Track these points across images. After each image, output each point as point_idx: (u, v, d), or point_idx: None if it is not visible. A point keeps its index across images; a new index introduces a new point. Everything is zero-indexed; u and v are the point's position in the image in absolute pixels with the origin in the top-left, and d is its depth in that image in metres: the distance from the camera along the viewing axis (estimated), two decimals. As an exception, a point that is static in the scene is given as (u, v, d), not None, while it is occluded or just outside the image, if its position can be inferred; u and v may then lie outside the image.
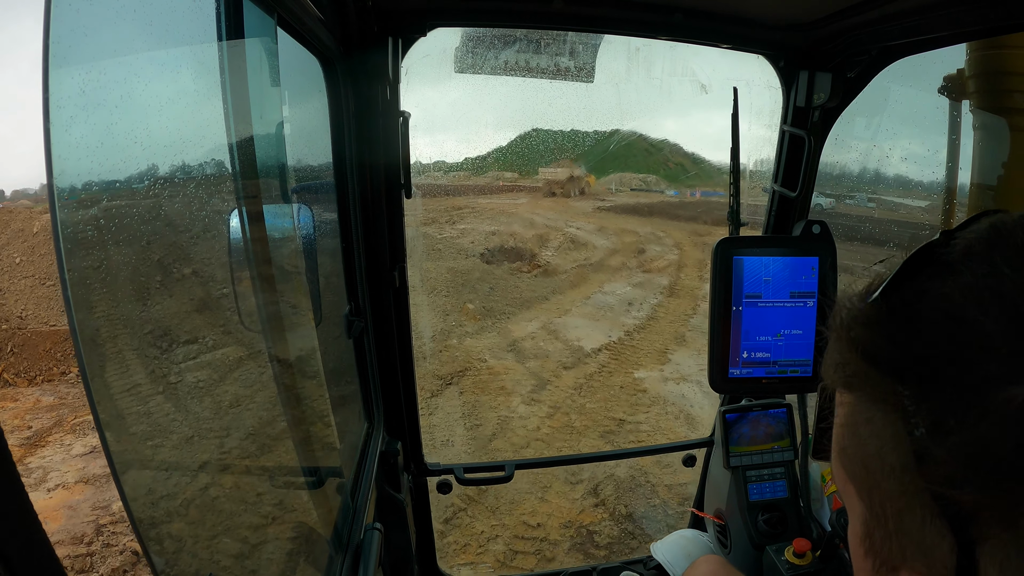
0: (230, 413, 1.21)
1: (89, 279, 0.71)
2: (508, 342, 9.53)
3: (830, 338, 0.46)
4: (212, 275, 1.23)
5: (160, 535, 0.76)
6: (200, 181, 0.91)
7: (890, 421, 0.39)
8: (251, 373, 1.21)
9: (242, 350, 1.24)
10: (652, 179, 23.46)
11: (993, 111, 1.99)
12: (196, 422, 1.07)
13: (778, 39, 1.58)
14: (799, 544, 1.48)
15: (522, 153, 17.79)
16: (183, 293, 1.21)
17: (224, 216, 0.91)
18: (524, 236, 15.52)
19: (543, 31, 1.67)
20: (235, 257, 0.87)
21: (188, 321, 1.20)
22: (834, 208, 6.18)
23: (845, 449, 0.45)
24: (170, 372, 1.12)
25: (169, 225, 1.01)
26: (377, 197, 1.46)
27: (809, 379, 1.62)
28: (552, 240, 15.69)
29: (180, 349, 1.14)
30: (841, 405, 0.46)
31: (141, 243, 0.92)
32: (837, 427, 0.46)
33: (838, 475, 0.47)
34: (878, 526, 0.43)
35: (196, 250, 1.21)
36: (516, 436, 6.51)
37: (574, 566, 2.04)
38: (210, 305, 1.27)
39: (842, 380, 0.44)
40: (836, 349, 0.44)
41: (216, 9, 0.72)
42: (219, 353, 1.24)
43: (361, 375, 1.54)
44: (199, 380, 1.19)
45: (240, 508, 1.10)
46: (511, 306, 11.26)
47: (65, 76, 0.55)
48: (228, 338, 1.24)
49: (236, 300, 0.91)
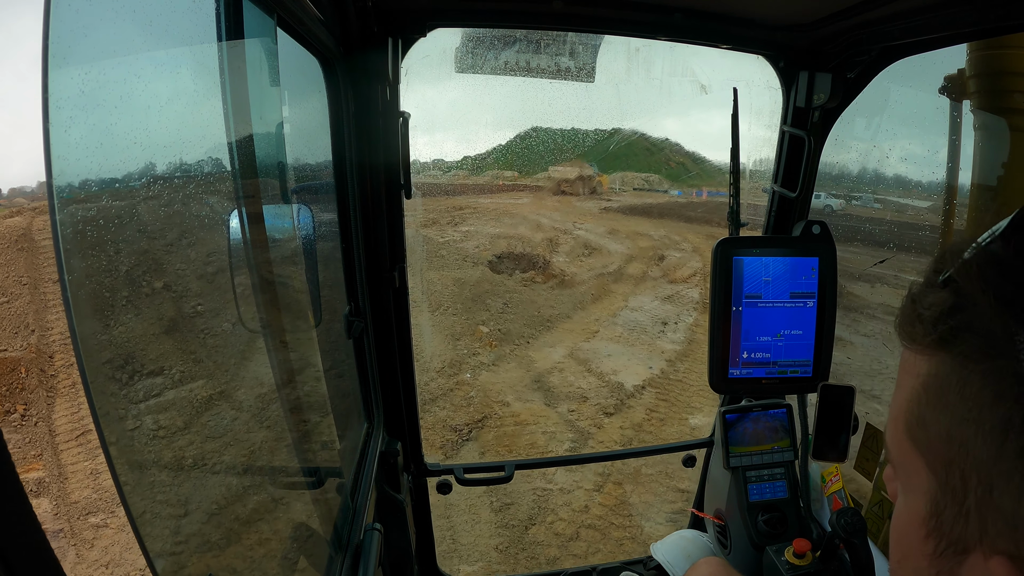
0: (230, 413, 1.21)
1: (88, 279, 0.71)
2: (532, 376, 8.08)
3: (919, 292, 0.43)
4: (212, 275, 1.23)
5: (160, 535, 0.76)
6: (200, 181, 0.91)
7: (997, 376, 0.37)
8: (251, 373, 1.21)
9: (242, 350, 1.23)
10: (655, 178, 23.47)
11: (994, 111, 1.99)
12: (196, 422, 1.07)
13: (778, 39, 1.58)
14: (799, 544, 1.47)
15: (522, 152, 17.73)
16: (183, 293, 1.21)
17: (224, 216, 0.91)
18: (532, 240, 14.57)
19: (543, 31, 1.67)
20: (235, 257, 0.87)
21: (187, 321, 1.20)
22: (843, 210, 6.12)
23: (921, 419, 0.42)
24: (170, 372, 1.12)
25: (169, 225, 1.01)
26: (377, 197, 1.46)
27: (809, 379, 1.62)
28: (562, 244, 14.76)
29: (179, 349, 1.14)
30: (915, 374, 0.43)
31: (141, 243, 0.92)
32: (907, 398, 0.44)
33: (900, 450, 0.44)
34: (952, 502, 0.40)
35: (195, 251, 1.21)
36: (560, 522, 5.08)
37: (574, 566, 2.04)
38: (210, 305, 1.27)
39: (939, 335, 0.41)
40: (937, 300, 0.41)
41: (216, 9, 0.72)
42: (219, 353, 1.23)
43: (361, 375, 1.54)
44: (199, 380, 1.19)
45: (240, 508, 1.09)
46: (530, 327, 9.94)
47: (65, 76, 0.55)
48: (228, 338, 1.24)
49: (236, 300, 0.91)
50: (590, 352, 8.88)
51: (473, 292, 10.86)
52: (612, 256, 14.45)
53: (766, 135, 1.83)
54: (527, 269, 12.72)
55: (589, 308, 11.11)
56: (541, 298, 11.29)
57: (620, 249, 15.06)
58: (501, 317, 10.07)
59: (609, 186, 22.50)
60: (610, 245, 15.28)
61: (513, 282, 11.94)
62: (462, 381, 7.86)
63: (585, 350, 8.96)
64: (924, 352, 0.42)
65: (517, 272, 12.51)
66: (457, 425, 6.74)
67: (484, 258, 12.93)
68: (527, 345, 9.20)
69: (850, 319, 6.14)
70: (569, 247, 14.63)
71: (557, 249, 14.32)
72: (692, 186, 22.35)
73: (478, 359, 8.56)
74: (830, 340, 1.61)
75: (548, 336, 9.63)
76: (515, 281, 12.01)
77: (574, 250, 14.48)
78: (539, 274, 12.57)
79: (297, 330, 1.02)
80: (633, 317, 10.64)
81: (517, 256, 13.24)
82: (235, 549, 1.04)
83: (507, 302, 10.72)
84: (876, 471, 2.00)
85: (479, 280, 11.50)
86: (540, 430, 6.56)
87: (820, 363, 1.61)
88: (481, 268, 12.28)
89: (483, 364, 8.43)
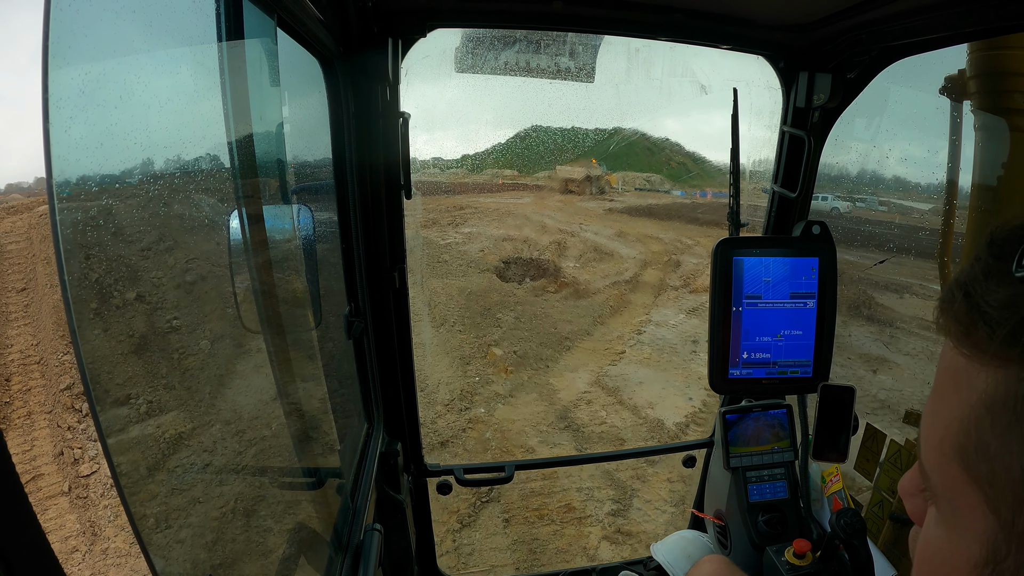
0: (230, 413, 1.21)
1: (88, 279, 0.71)
2: (557, 411, 6.85)
3: (976, 284, 0.35)
4: (211, 274, 1.23)
5: (160, 535, 0.76)
6: (200, 182, 0.91)
7: None
8: (251, 373, 1.21)
9: (242, 350, 1.24)
10: (656, 178, 23.46)
11: (994, 112, 1.99)
12: (197, 422, 1.07)
13: (778, 40, 1.58)
14: (799, 545, 1.47)
15: (521, 152, 17.65)
16: (182, 293, 1.21)
17: (224, 217, 0.91)
18: (539, 243, 13.59)
19: (543, 32, 1.67)
20: (235, 257, 0.87)
21: (187, 321, 1.20)
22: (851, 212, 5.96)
23: (983, 446, 0.34)
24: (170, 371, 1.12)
25: (168, 225, 1.01)
26: (377, 198, 1.46)
27: (809, 380, 1.62)
28: (571, 248, 13.81)
29: (179, 349, 1.14)
30: (972, 388, 0.35)
31: (140, 243, 0.93)
32: (961, 417, 0.36)
33: (946, 478, 0.37)
34: (1017, 551, 0.33)
35: (197, 249, 1.21)
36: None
37: (574, 566, 2.04)
38: (210, 305, 1.27)
39: (1016, 341, 0.32)
40: (1010, 297, 0.33)
41: (216, 10, 0.72)
42: (220, 353, 1.23)
43: (361, 376, 1.54)
44: (200, 380, 1.19)
45: (240, 508, 1.09)
46: (547, 346, 8.70)
47: (65, 76, 0.55)
48: (229, 338, 1.24)
49: (236, 300, 0.91)
50: (619, 379, 7.75)
51: (481, 304, 9.85)
52: (625, 261, 13.58)
53: (766, 135, 1.83)
54: (537, 277, 11.91)
55: (609, 323, 10.06)
56: (556, 311, 10.27)
57: (632, 254, 14.23)
58: (514, 335, 9.00)
59: (611, 186, 22.47)
60: (621, 249, 14.46)
61: (524, 292, 11.05)
62: (476, 418, 6.66)
63: (613, 376, 7.82)
64: (990, 363, 0.34)
65: (527, 280, 11.71)
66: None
67: (490, 263, 12.07)
68: (546, 370, 8.04)
69: (887, 336, 5.81)
70: (578, 251, 13.79)
71: (566, 253, 13.45)
72: (694, 186, 22.33)
73: (492, 388, 7.36)
74: (830, 340, 1.61)
75: (569, 358, 8.48)
76: (525, 291, 11.13)
77: (584, 254, 13.66)
78: (551, 282, 11.72)
79: (297, 330, 1.02)
80: (660, 334, 9.55)
81: (526, 262, 12.46)
82: (235, 549, 1.04)
83: (519, 316, 9.72)
84: (876, 471, 2.00)
85: (487, 290, 10.54)
86: (574, 485, 5.28)
87: (820, 363, 1.61)
88: (488, 275, 11.40)
89: (498, 395, 7.19)
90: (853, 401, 1.44)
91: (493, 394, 7.21)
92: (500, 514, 4.90)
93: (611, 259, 13.66)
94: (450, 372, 7.63)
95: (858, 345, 6.33)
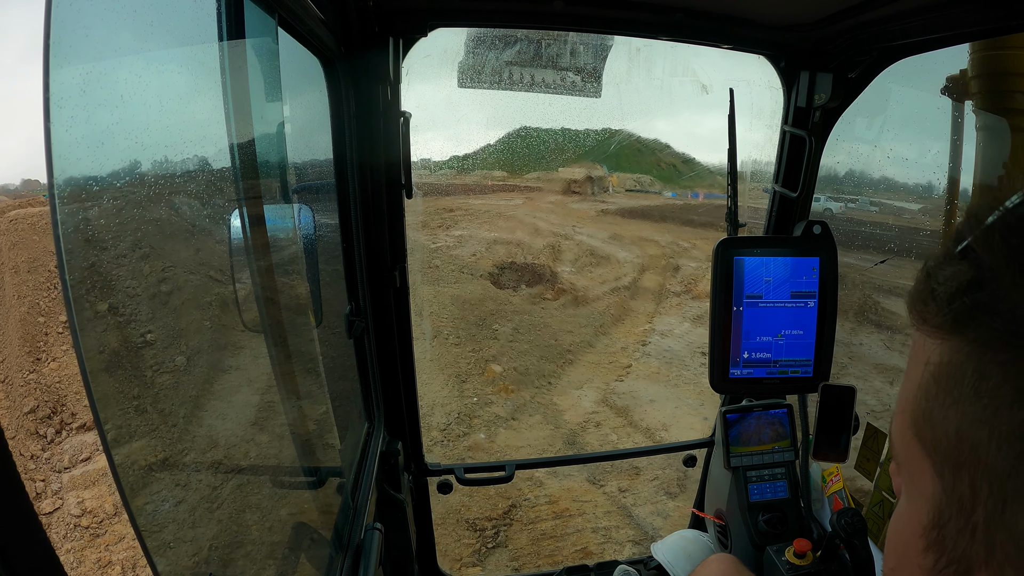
0: (231, 413, 1.21)
1: (87, 279, 0.71)
2: (564, 436, 6.34)
3: (935, 265, 0.37)
4: (211, 274, 1.23)
5: (161, 535, 0.76)
6: (201, 181, 0.91)
7: (1019, 370, 0.31)
8: (252, 373, 1.22)
9: (243, 349, 1.24)
10: (647, 179, 23.37)
11: (995, 112, 1.99)
12: (197, 422, 1.07)
13: (779, 39, 1.58)
14: (799, 544, 1.47)
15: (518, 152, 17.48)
16: (182, 294, 1.21)
17: (225, 216, 0.91)
18: (533, 247, 12.99)
19: (546, 36, 1.67)
20: (236, 257, 0.87)
21: (186, 321, 1.20)
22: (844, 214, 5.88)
23: (929, 414, 0.36)
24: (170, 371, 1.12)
25: (169, 225, 1.01)
26: (378, 197, 1.46)
27: (810, 379, 1.62)
28: (566, 251, 13.25)
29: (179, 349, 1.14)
30: (925, 361, 0.37)
31: (141, 242, 0.93)
32: (915, 388, 0.38)
33: (905, 447, 0.39)
34: (958, 514, 0.35)
35: (198, 249, 1.21)
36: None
37: (573, 564, 2.04)
38: (210, 304, 1.27)
39: (952, 315, 0.35)
40: (954, 274, 0.35)
41: (217, 9, 0.72)
42: (220, 352, 1.24)
43: (362, 375, 1.54)
44: (200, 379, 1.19)
45: (241, 508, 1.10)
46: (548, 360, 8.08)
47: (65, 76, 0.55)
48: (229, 337, 1.24)
49: (237, 300, 0.91)
50: (628, 396, 7.17)
51: (476, 314, 9.19)
52: (623, 266, 13.11)
53: (767, 135, 1.83)
54: (533, 283, 11.29)
55: (612, 333, 9.49)
56: (555, 320, 9.67)
57: (629, 258, 13.75)
58: (512, 347, 8.34)
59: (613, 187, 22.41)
60: (617, 253, 13.95)
61: (520, 299, 10.42)
62: (476, 445, 6.05)
63: (621, 394, 7.26)
64: (936, 335, 0.36)
65: (523, 286, 11.05)
66: (476, 520, 4.74)
67: (483, 269, 11.37)
68: (549, 387, 7.39)
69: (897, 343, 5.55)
70: (573, 255, 13.26)
71: (561, 257, 12.95)
72: (686, 187, 22.15)
73: (492, 410, 6.71)
74: (831, 340, 1.61)
75: (572, 373, 7.86)
76: (522, 298, 10.48)
77: (580, 259, 13.15)
78: (548, 289, 11.12)
79: (298, 330, 1.02)
80: (666, 345, 8.95)
81: (520, 267, 11.90)
82: (236, 549, 1.04)
83: (517, 326, 9.09)
84: (877, 471, 2.00)
85: (481, 297, 9.87)
86: (589, 525, 4.77)
87: (821, 363, 1.61)
88: (481, 282, 10.76)
89: (499, 418, 6.55)
90: (854, 401, 1.44)
91: (494, 416, 6.62)
92: (509, 561, 4.41)
93: (608, 263, 13.22)
94: (446, 392, 7.06)
95: (871, 355, 6.02)
